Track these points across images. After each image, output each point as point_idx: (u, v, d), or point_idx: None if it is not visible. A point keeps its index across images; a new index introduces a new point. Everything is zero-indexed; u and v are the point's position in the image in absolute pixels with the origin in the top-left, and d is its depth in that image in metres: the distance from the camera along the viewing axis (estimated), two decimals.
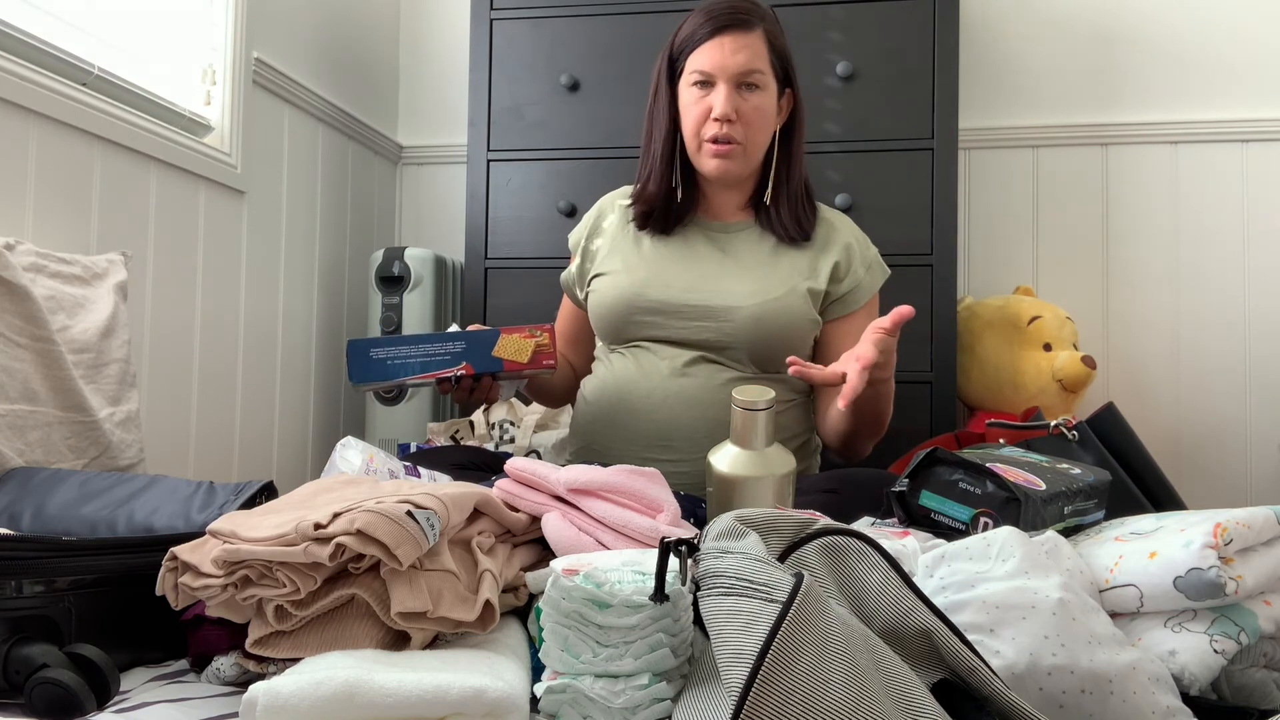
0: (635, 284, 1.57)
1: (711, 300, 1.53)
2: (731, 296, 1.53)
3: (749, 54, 1.52)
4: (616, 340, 1.60)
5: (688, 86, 1.56)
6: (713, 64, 1.52)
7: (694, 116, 1.55)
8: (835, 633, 0.66)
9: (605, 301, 1.59)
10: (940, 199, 2.07)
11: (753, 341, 1.51)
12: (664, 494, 1.04)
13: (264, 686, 0.69)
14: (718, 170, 1.55)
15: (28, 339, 1.31)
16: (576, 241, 1.71)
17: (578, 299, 1.70)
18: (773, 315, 1.52)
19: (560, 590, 0.76)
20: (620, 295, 1.57)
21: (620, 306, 1.57)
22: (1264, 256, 2.35)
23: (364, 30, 2.54)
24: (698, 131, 1.55)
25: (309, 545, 0.82)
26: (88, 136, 1.57)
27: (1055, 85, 2.45)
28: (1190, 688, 0.82)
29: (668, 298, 1.55)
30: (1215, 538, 0.85)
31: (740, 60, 1.51)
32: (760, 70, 1.53)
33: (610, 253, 1.63)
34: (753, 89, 1.53)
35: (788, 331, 1.53)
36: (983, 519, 1.05)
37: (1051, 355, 2.14)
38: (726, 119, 1.51)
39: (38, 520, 1.15)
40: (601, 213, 1.70)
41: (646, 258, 1.60)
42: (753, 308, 1.52)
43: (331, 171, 2.38)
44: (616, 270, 1.60)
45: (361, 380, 1.41)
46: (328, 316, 2.36)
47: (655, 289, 1.56)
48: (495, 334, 1.43)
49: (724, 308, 1.52)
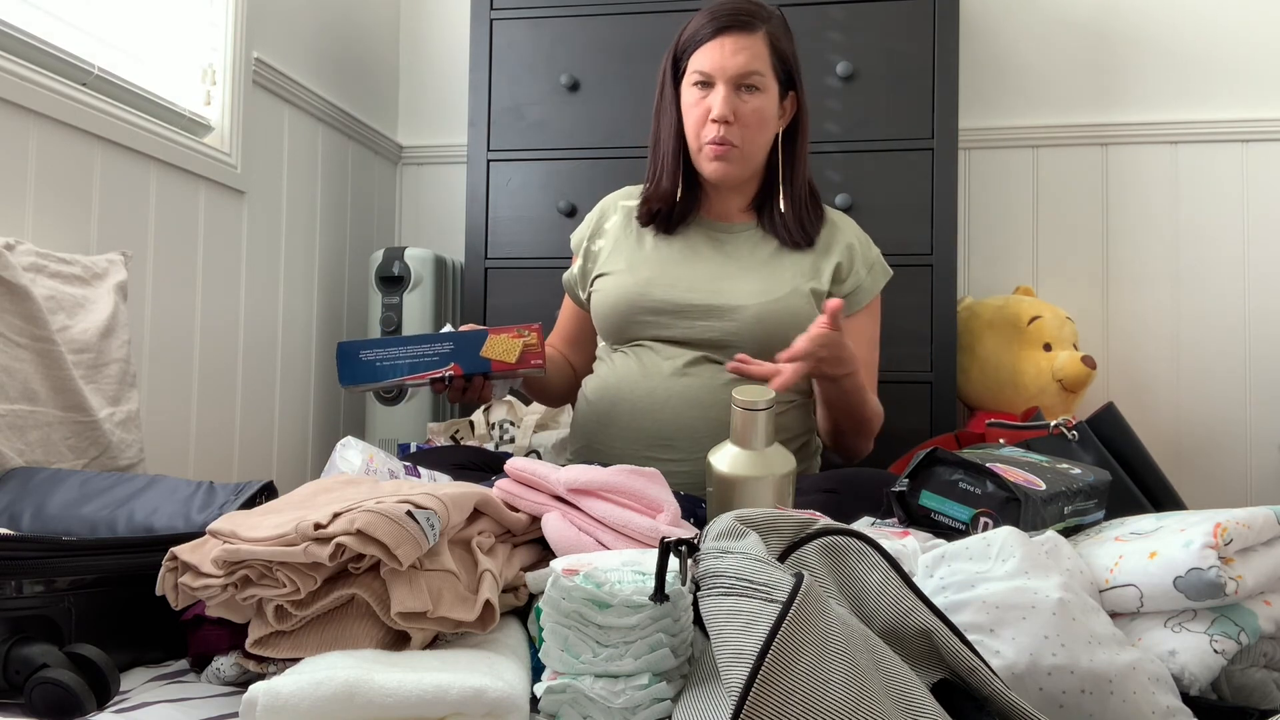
0: (639, 283, 1.57)
1: (714, 300, 1.53)
2: (735, 296, 1.53)
3: (748, 55, 1.52)
4: (620, 339, 1.60)
5: (689, 86, 1.56)
6: (712, 65, 1.52)
7: (694, 118, 1.56)
8: (835, 633, 0.66)
9: (609, 301, 1.59)
10: (940, 199, 2.07)
11: (755, 341, 1.52)
12: (664, 494, 1.04)
13: (264, 686, 0.69)
14: (716, 173, 1.56)
15: (28, 339, 1.31)
16: (579, 242, 1.71)
17: (580, 299, 1.70)
18: (775, 315, 1.52)
19: (560, 590, 0.76)
20: (624, 294, 1.57)
21: (624, 306, 1.57)
22: (1264, 256, 2.35)
23: (364, 30, 2.54)
24: (698, 133, 1.56)
25: (309, 545, 0.82)
26: (88, 136, 1.57)
27: (1055, 85, 2.45)
28: (1190, 688, 0.82)
29: (671, 297, 1.55)
30: (1215, 538, 0.85)
31: (739, 61, 1.51)
32: (759, 72, 1.53)
33: (613, 253, 1.63)
34: (752, 91, 1.53)
35: (790, 331, 1.53)
36: (983, 519, 1.05)
37: (1051, 355, 2.14)
38: (724, 120, 1.51)
39: (38, 520, 1.15)
40: (604, 213, 1.70)
41: (650, 258, 1.60)
42: (755, 307, 1.52)
43: (331, 171, 2.38)
44: (620, 270, 1.60)
45: (351, 382, 1.41)
46: (328, 316, 2.36)
47: (659, 288, 1.56)
48: (483, 335, 1.43)
49: (727, 307, 1.52)
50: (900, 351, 2.06)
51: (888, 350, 2.05)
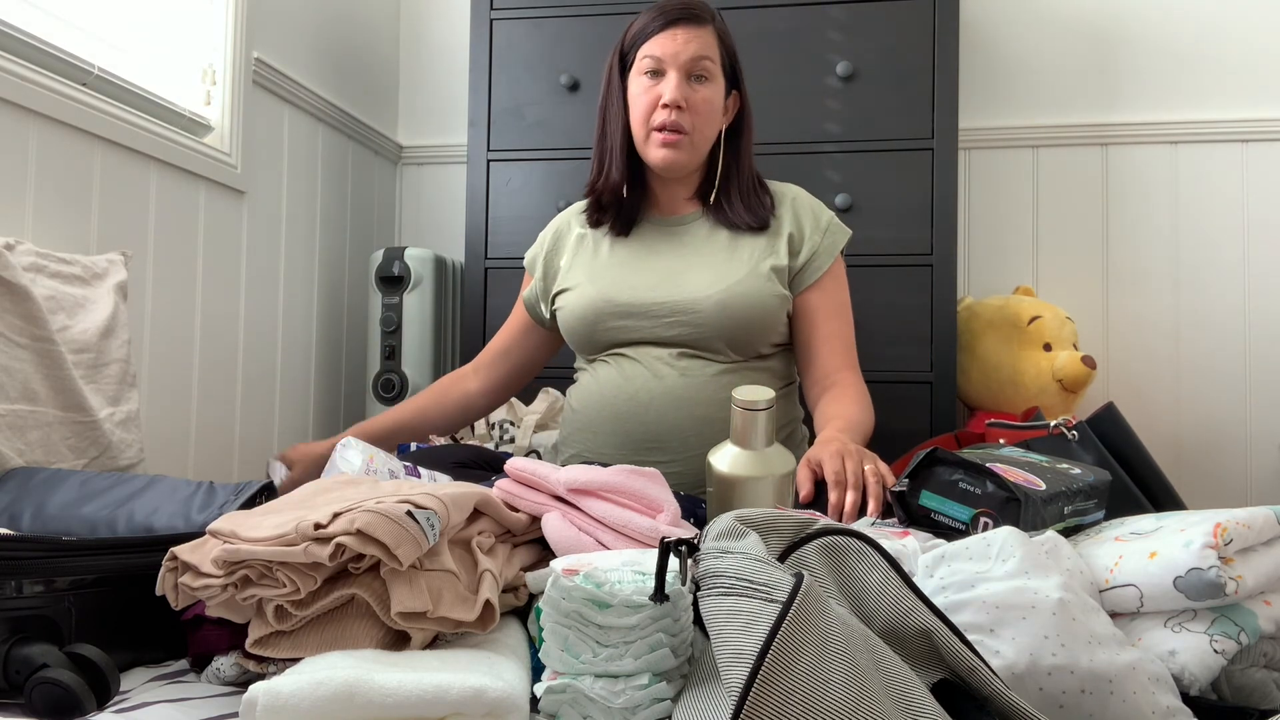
0: (601, 291, 1.57)
1: (675, 295, 1.54)
2: (694, 289, 1.53)
3: (700, 44, 1.54)
4: (594, 349, 1.60)
5: (638, 76, 1.57)
6: (664, 51, 1.53)
7: (643, 105, 1.55)
8: (835, 633, 0.66)
9: (575, 314, 1.59)
10: (940, 199, 2.07)
11: (723, 329, 1.52)
12: (664, 494, 1.04)
13: (264, 686, 0.69)
14: (664, 161, 1.55)
15: (28, 339, 1.31)
16: (532, 260, 1.71)
17: (542, 317, 1.69)
18: (737, 299, 1.52)
19: (560, 590, 0.76)
20: (589, 305, 1.57)
21: (590, 315, 1.57)
22: (1264, 256, 2.35)
23: (364, 30, 2.54)
24: (646, 119, 1.55)
25: (309, 545, 0.81)
26: (88, 136, 1.57)
27: (1055, 85, 2.45)
28: (1190, 688, 0.82)
29: (634, 299, 1.55)
30: (1215, 538, 0.84)
31: (692, 49, 1.53)
32: (710, 59, 1.55)
33: (571, 268, 1.63)
34: (702, 80, 1.54)
35: (755, 312, 1.53)
36: (983, 519, 1.05)
37: (1051, 355, 2.14)
38: (676, 105, 1.52)
39: (38, 520, 1.15)
40: (559, 231, 1.71)
41: (607, 264, 1.60)
42: (716, 295, 1.52)
43: (331, 171, 2.38)
44: (581, 282, 1.60)
45: None
46: (328, 316, 2.36)
47: (622, 292, 1.56)
48: None
49: (689, 300, 1.53)
50: (900, 351, 2.06)
51: (888, 350, 2.05)
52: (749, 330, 1.53)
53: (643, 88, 1.55)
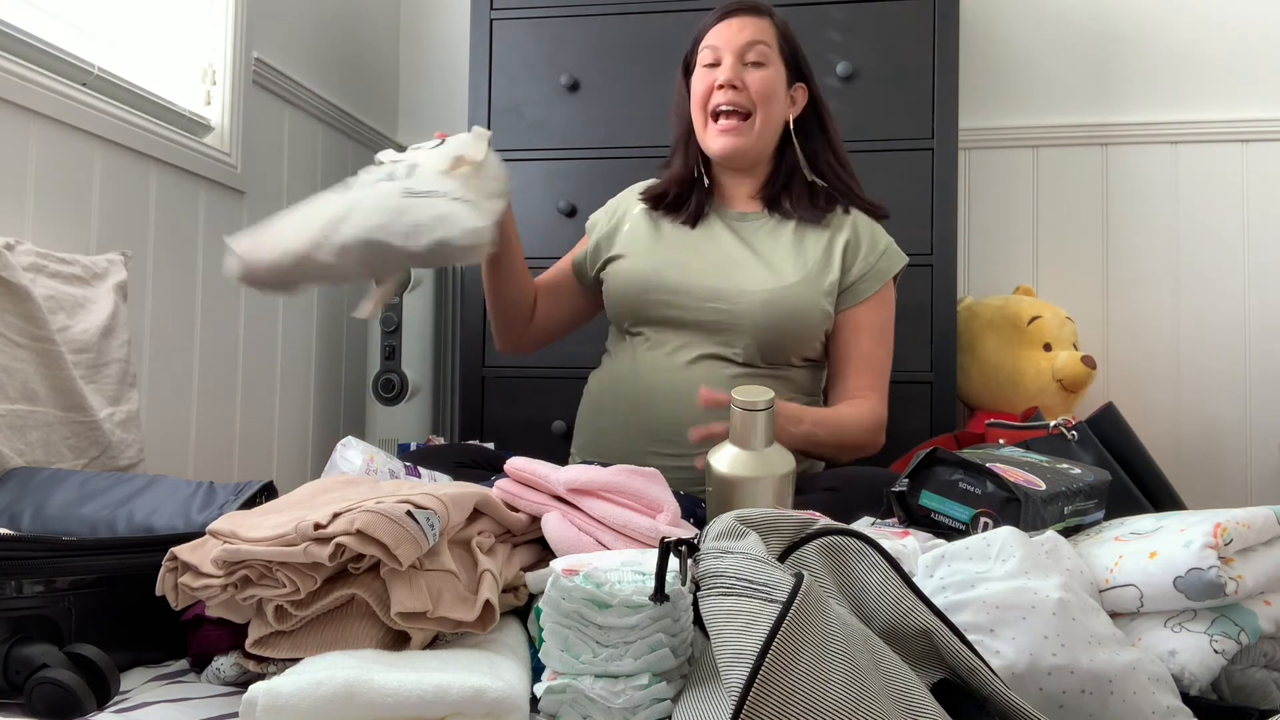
0: (655, 266, 1.58)
1: (723, 284, 1.54)
2: (744, 281, 1.54)
3: (755, 30, 1.56)
4: (632, 321, 1.60)
5: (699, 69, 1.59)
6: (720, 40, 1.56)
7: (700, 92, 1.58)
8: (835, 633, 0.66)
9: (622, 279, 1.60)
10: (940, 199, 2.07)
11: (758, 327, 1.51)
12: (664, 494, 1.04)
13: (264, 686, 0.69)
14: (724, 148, 1.56)
15: (28, 339, 1.31)
16: (594, 223, 1.72)
17: (586, 275, 1.70)
18: (782, 301, 1.52)
19: (560, 590, 0.76)
20: (639, 275, 1.58)
21: (636, 283, 1.58)
22: (1264, 256, 2.35)
23: (364, 30, 2.54)
24: (704, 104, 1.57)
25: (309, 545, 0.81)
26: (88, 136, 1.57)
27: (1055, 85, 2.45)
28: (1190, 688, 0.82)
29: (684, 280, 1.55)
30: (1215, 538, 0.85)
31: (746, 35, 1.55)
32: (766, 44, 1.56)
33: (630, 238, 1.64)
34: (758, 66, 1.55)
35: (795, 320, 1.53)
36: (983, 519, 1.05)
37: (1051, 355, 2.14)
38: (730, 85, 1.53)
39: (38, 520, 1.15)
40: (625, 204, 1.72)
41: (667, 244, 1.61)
42: (763, 293, 1.52)
43: (331, 171, 2.38)
44: (636, 253, 1.61)
45: None
46: (327, 316, 2.36)
47: (674, 270, 1.56)
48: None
49: (735, 290, 1.53)
50: (900, 351, 2.04)
51: None
52: (782, 335, 1.53)
53: (701, 76, 1.58)
